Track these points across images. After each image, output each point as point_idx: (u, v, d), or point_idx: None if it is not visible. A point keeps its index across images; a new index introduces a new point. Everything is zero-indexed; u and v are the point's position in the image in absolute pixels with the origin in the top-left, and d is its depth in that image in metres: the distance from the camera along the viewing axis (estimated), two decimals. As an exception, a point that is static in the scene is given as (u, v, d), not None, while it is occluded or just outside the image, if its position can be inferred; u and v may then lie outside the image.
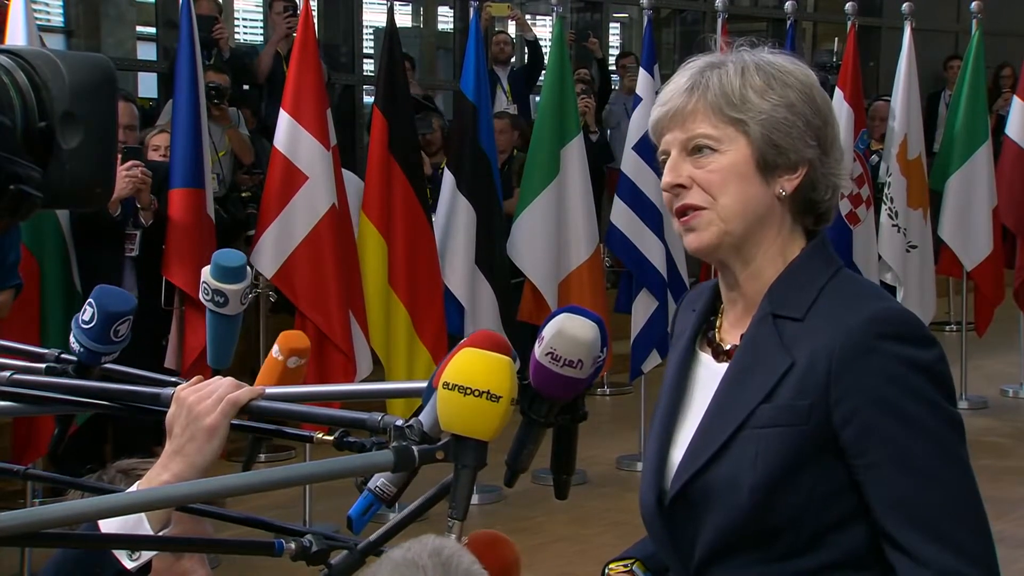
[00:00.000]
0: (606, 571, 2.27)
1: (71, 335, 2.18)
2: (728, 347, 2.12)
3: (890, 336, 1.97)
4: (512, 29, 12.42)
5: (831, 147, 2.09)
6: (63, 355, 2.18)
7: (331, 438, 1.77)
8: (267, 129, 8.23)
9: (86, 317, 2.16)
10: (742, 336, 2.09)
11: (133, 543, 1.97)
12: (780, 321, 2.04)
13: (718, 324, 2.17)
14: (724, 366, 2.10)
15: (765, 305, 2.07)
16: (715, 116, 2.05)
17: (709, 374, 2.13)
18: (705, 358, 2.16)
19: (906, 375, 1.96)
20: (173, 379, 2.08)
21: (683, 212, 2.07)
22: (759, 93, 2.04)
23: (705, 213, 2.05)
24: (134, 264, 6.39)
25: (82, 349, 2.16)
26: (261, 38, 12.16)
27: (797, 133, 2.05)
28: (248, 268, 2.17)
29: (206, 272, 2.10)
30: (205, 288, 2.10)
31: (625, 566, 2.25)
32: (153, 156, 6.76)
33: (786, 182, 2.06)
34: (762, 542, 2.00)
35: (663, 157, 2.11)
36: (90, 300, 2.17)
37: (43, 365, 2.16)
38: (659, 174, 2.14)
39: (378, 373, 6.93)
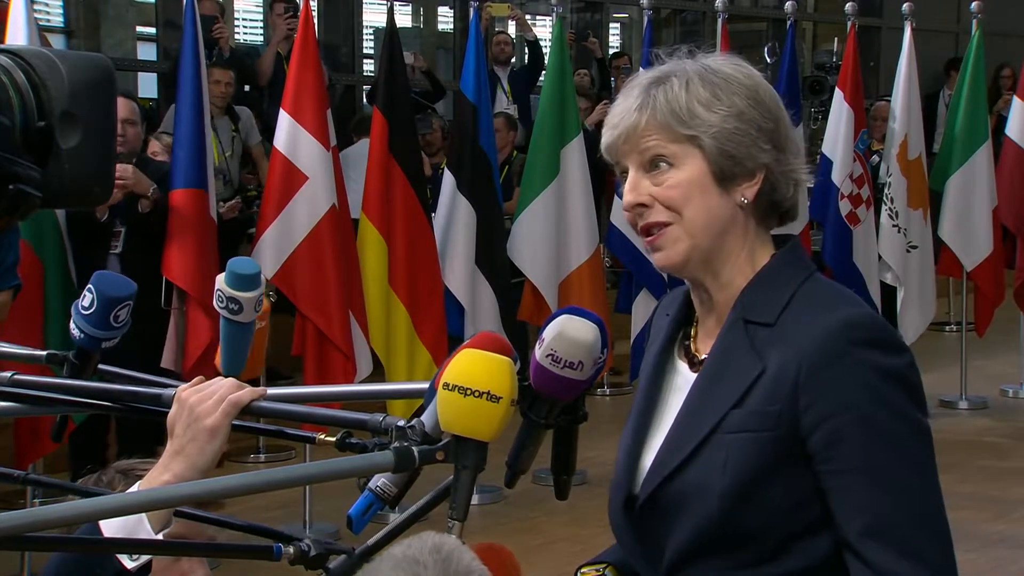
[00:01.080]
0: (578, 575, 2.26)
1: (71, 321, 2.18)
2: (703, 357, 2.11)
3: (860, 342, 1.96)
4: (512, 29, 12.42)
5: (786, 143, 2.07)
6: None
7: (333, 439, 1.77)
8: (270, 130, 8.23)
9: (86, 303, 2.16)
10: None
11: (130, 547, 1.97)
12: (751, 327, 2.03)
13: (693, 334, 2.16)
14: None
15: (736, 311, 2.06)
16: (666, 134, 2.03)
17: (684, 382, 2.12)
18: (681, 366, 2.14)
19: (875, 382, 1.95)
20: (171, 381, 2.08)
21: (648, 231, 2.06)
22: (706, 106, 2.02)
23: (671, 229, 2.04)
24: (119, 260, 6.37)
25: (82, 335, 2.16)
26: (261, 38, 12.17)
27: (750, 140, 2.03)
28: (263, 276, 2.17)
29: (221, 280, 2.10)
30: (220, 296, 2.10)
31: (598, 570, 2.25)
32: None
33: (746, 190, 2.04)
34: (730, 548, 1.99)
35: (623, 175, 2.09)
36: (90, 286, 2.17)
37: (43, 353, 2.16)
38: None
39: (378, 374, 6.92)
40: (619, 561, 2.23)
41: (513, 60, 11.72)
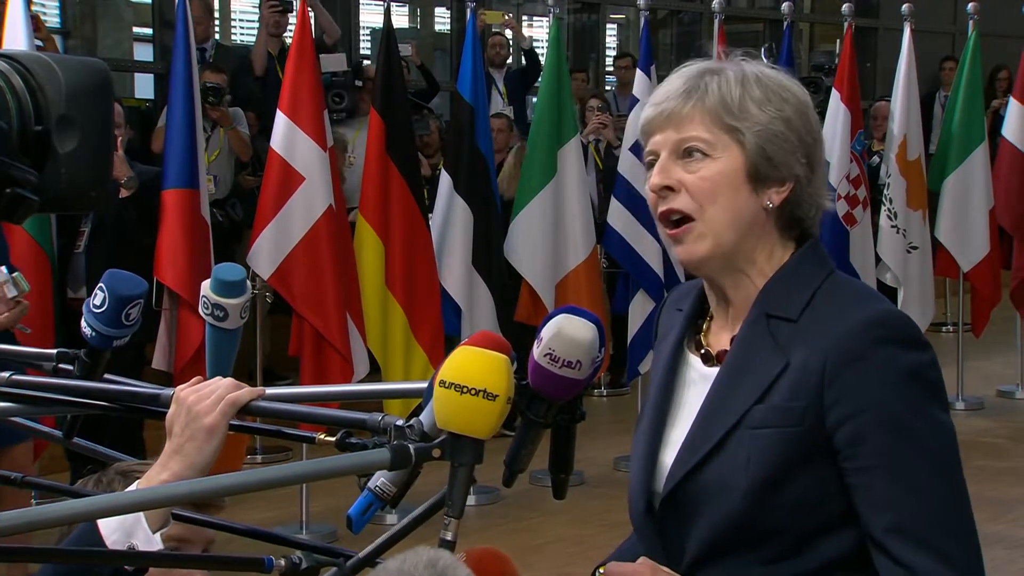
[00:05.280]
0: (596, 575, 2.26)
1: (82, 320, 2.18)
2: (716, 352, 2.12)
3: (885, 340, 1.97)
4: (509, 33, 12.42)
5: (817, 166, 2.10)
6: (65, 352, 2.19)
7: (333, 439, 1.77)
8: (267, 130, 8.22)
9: (97, 301, 2.17)
10: (733, 338, 2.08)
11: (119, 559, 1.97)
12: (774, 322, 2.04)
13: (705, 328, 2.16)
14: (713, 369, 2.10)
15: (759, 306, 2.06)
16: (712, 122, 2.04)
17: (698, 376, 2.12)
18: (694, 360, 2.15)
19: (899, 379, 1.96)
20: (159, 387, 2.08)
21: (669, 216, 2.06)
22: (758, 104, 2.04)
23: (695, 225, 2.04)
24: (84, 259, 6.40)
25: (94, 333, 2.17)
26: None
27: (790, 148, 2.05)
28: (248, 283, 2.17)
29: (206, 286, 2.11)
30: (205, 302, 2.11)
31: None
32: None
33: (775, 194, 2.05)
34: (753, 544, 2.00)
35: (651, 158, 2.09)
36: (101, 284, 2.18)
37: (53, 352, 2.17)
38: None
39: (374, 374, 6.93)
40: (636, 558, 2.23)
41: (509, 61, 11.72)
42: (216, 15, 11.58)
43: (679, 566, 2.05)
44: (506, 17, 11.37)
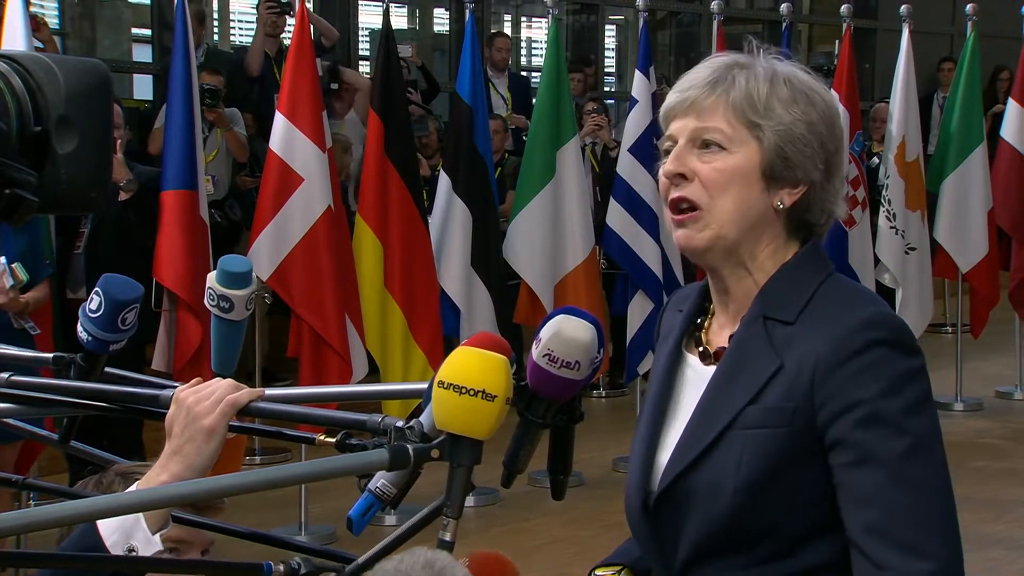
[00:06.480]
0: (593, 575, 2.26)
1: (78, 324, 2.18)
2: (715, 349, 2.12)
3: (877, 341, 1.97)
4: (508, 29, 12.38)
5: (835, 173, 2.09)
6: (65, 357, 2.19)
7: (333, 440, 1.77)
8: (267, 132, 8.22)
9: (93, 306, 2.17)
10: (731, 337, 2.09)
11: (114, 564, 1.97)
12: (770, 323, 2.04)
13: (705, 326, 2.16)
14: (711, 368, 2.10)
15: (756, 306, 2.06)
16: (734, 116, 2.03)
17: (696, 376, 2.12)
18: (692, 360, 2.15)
19: (890, 381, 1.96)
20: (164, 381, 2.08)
21: (678, 204, 2.06)
22: (784, 104, 2.04)
23: (700, 215, 2.04)
24: (83, 260, 6.42)
25: (90, 338, 2.17)
26: (257, 40, 12.13)
27: (810, 152, 2.04)
28: (254, 274, 2.18)
29: (212, 278, 2.11)
30: (211, 293, 2.11)
31: (613, 572, 2.25)
32: None
33: (786, 195, 2.05)
34: (744, 545, 2.00)
35: (668, 144, 2.09)
36: (97, 289, 2.18)
37: (49, 356, 2.17)
38: (654, 175, 2.13)
39: (373, 375, 6.93)
40: (633, 562, 2.23)
41: (510, 63, 11.69)
42: (215, 17, 11.60)
43: (672, 565, 2.06)
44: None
